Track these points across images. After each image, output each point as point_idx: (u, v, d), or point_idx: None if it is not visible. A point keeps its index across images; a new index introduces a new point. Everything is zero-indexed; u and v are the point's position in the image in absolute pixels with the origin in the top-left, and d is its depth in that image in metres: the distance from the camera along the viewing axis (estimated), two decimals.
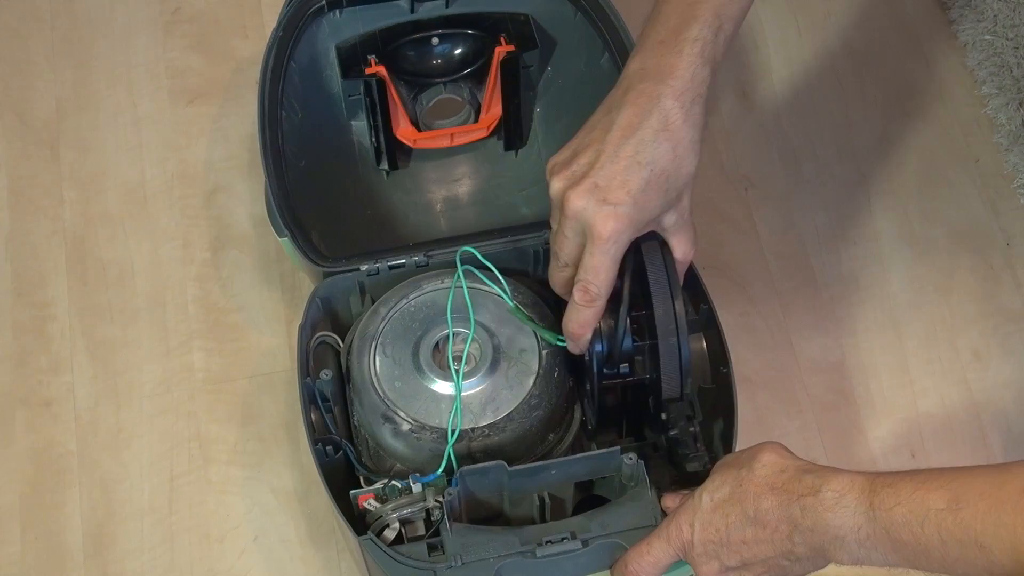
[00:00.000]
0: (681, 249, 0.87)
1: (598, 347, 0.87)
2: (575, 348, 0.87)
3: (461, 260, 0.93)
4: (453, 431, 0.87)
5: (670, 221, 0.85)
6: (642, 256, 0.86)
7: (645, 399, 0.90)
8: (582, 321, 0.85)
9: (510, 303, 0.92)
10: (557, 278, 0.87)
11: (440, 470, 0.86)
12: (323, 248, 0.98)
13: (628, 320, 0.86)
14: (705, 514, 0.77)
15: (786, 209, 1.19)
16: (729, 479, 0.77)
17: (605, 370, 0.88)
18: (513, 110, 1.08)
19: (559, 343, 0.90)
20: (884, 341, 1.13)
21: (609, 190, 0.80)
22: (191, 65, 1.26)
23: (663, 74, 0.80)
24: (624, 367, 0.88)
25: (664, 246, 0.87)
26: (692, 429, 0.89)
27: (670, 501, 0.85)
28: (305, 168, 1.04)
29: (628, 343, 0.87)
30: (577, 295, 0.83)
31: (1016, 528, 0.65)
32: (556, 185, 0.83)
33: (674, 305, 0.85)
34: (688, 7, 0.82)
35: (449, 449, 0.86)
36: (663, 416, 0.89)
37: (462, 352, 0.92)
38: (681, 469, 0.87)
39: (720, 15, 0.82)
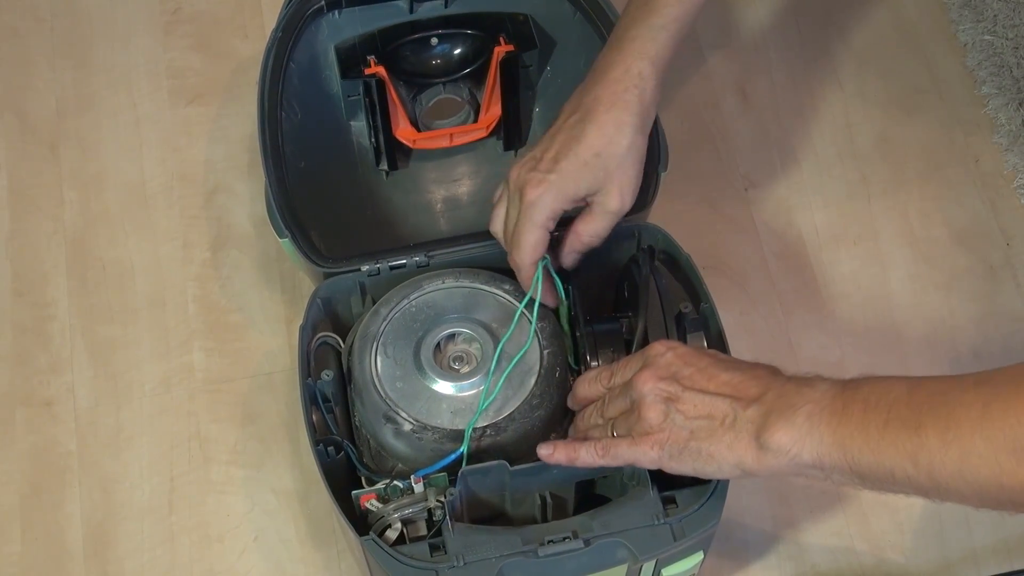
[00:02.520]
0: (588, 229, 0.91)
1: None
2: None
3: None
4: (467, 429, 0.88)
5: (596, 200, 0.90)
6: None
7: None
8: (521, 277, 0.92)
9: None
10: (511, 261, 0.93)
11: (459, 452, 0.86)
12: (323, 248, 0.98)
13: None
14: (696, 350, 0.83)
15: (786, 209, 1.19)
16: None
17: None
18: (512, 110, 1.08)
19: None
20: (884, 341, 1.13)
21: (542, 161, 0.89)
22: (191, 65, 1.26)
23: (605, 68, 0.90)
24: None
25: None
26: None
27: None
28: (305, 168, 1.04)
29: None
30: (509, 260, 0.92)
31: (956, 409, 0.70)
32: (510, 167, 0.92)
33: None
34: (636, 11, 0.92)
35: (467, 438, 0.87)
36: None
37: (462, 352, 0.92)
38: None
39: (663, 14, 0.90)
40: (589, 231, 0.91)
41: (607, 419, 0.85)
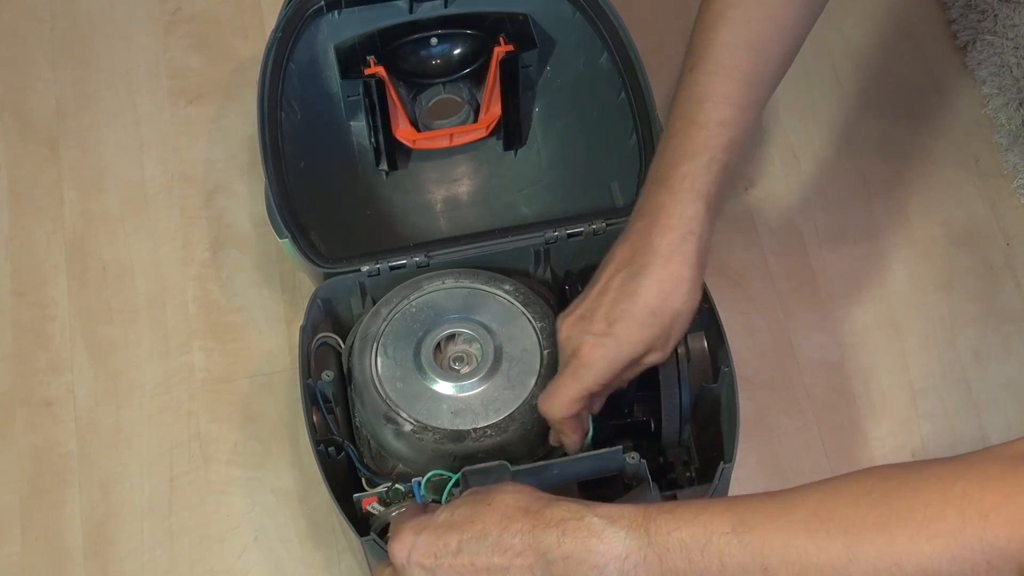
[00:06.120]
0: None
1: None
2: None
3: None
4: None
5: (650, 360, 0.83)
6: None
7: (645, 435, 0.91)
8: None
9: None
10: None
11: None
12: (323, 249, 0.98)
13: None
14: (435, 530, 0.71)
15: (786, 209, 1.19)
16: (477, 498, 0.72)
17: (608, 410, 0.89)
18: (512, 110, 1.08)
19: None
20: (884, 341, 1.13)
21: (593, 321, 0.81)
22: (191, 65, 1.26)
23: (655, 213, 0.81)
24: (626, 409, 0.91)
25: None
26: (688, 474, 0.92)
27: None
28: (305, 169, 1.04)
29: (631, 391, 0.89)
30: (539, 405, 0.85)
31: (807, 548, 0.64)
32: (558, 322, 0.85)
33: (677, 359, 0.87)
34: (681, 143, 0.82)
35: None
36: (660, 459, 0.91)
37: (462, 352, 0.92)
38: None
39: (711, 145, 0.81)
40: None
41: None
